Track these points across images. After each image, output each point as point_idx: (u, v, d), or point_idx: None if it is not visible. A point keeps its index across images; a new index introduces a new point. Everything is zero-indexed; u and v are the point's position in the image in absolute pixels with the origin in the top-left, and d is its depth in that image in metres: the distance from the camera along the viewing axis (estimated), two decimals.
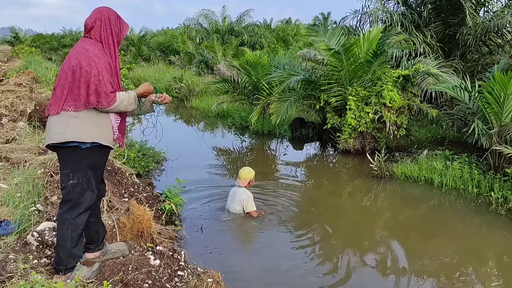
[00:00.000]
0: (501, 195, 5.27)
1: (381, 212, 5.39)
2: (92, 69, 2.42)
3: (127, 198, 4.24)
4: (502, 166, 5.85)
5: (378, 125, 7.45)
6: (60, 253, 2.57)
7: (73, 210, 2.53)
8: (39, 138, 5.68)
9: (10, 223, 3.18)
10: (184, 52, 23.61)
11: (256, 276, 3.63)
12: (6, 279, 2.53)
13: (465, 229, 4.85)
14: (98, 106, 2.46)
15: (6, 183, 3.92)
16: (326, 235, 4.49)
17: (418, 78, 7.66)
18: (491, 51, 9.88)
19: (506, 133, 5.79)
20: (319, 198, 5.75)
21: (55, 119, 2.48)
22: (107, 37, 2.57)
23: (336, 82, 7.61)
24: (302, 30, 24.82)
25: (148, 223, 3.55)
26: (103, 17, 2.57)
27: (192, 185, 5.43)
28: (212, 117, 11.77)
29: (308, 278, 3.59)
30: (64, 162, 2.55)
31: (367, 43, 7.63)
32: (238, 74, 11.22)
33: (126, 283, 2.63)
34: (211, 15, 25.87)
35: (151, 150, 6.61)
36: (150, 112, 2.95)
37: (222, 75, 14.77)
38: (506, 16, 8.69)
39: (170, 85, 15.68)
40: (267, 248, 4.19)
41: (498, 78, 5.55)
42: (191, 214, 4.74)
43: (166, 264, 2.95)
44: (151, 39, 30.10)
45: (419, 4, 10.13)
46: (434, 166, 6.18)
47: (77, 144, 2.47)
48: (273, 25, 29.94)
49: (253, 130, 9.66)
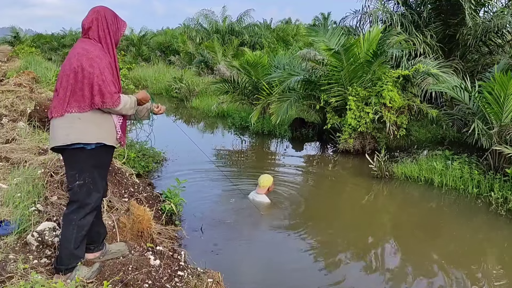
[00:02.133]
0: (501, 195, 5.27)
1: (381, 212, 5.39)
2: (94, 70, 2.42)
3: (127, 198, 4.24)
4: (502, 166, 5.85)
5: (378, 125, 7.45)
6: (62, 253, 2.58)
7: (80, 210, 2.55)
8: (39, 138, 5.68)
9: (10, 223, 3.18)
10: (184, 52, 23.61)
11: (256, 276, 3.63)
12: (6, 279, 2.53)
13: (465, 229, 4.84)
14: (103, 106, 2.47)
15: (6, 183, 3.92)
16: (326, 235, 4.50)
17: (418, 78, 7.66)
18: (491, 51, 9.88)
19: (506, 133, 5.79)
20: (319, 198, 5.74)
21: (59, 121, 2.48)
22: (105, 37, 2.57)
23: (336, 82, 7.61)
24: (302, 30, 24.81)
25: (148, 223, 3.55)
26: (100, 17, 2.57)
27: (192, 185, 5.43)
28: (212, 117, 11.77)
29: (308, 278, 3.59)
30: (70, 163, 2.56)
31: (367, 43, 7.63)
32: (238, 74, 11.22)
33: (126, 283, 2.63)
34: (211, 15, 25.87)
35: (151, 150, 6.61)
36: (146, 119, 2.97)
37: (222, 75, 14.76)
38: (506, 16, 8.70)
39: (170, 85, 15.69)
40: (267, 248, 4.19)
41: (498, 78, 5.55)
42: (191, 214, 4.74)
43: (166, 264, 2.95)
44: (151, 39, 30.10)
45: (419, 4, 10.13)
46: (434, 166, 6.18)
47: (82, 145, 2.48)
48: (273, 25, 29.94)
49: (253, 130, 9.66)
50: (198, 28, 25.99)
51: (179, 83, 14.93)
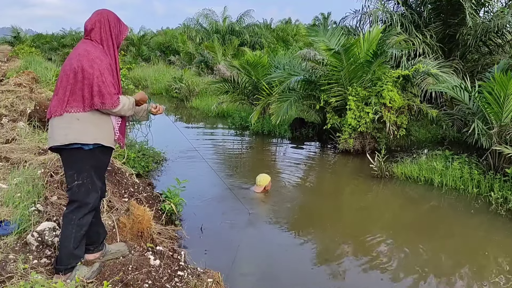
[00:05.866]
0: (501, 195, 5.27)
1: (381, 212, 5.39)
2: (94, 71, 2.44)
3: (127, 198, 4.25)
4: (502, 166, 5.85)
5: (378, 125, 7.45)
6: (61, 253, 2.59)
7: (80, 210, 2.56)
8: (39, 138, 5.68)
9: (10, 223, 3.18)
10: (184, 52, 23.63)
11: (256, 276, 3.63)
12: (6, 279, 2.53)
13: (465, 229, 4.84)
14: (102, 107, 2.48)
15: (6, 183, 3.92)
16: (326, 235, 4.50)
17: (418, 78, 7.66)
18: (491, 51, 9.87)
19: (506, 133, 5.79)
20: (319, 198, 5.74)
21: (58, 121, 2.50)
22: (107, 39, 2.59)
23: (336, 82, 7.61)
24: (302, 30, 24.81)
25: (148, 223, 3.56)
26: (103, 19, 2.59)
27: (192, 185, 5.43)
28: (212, 117, 11.77)
29: (308, 278, 3.60)
30: (68, 163, 2.57)
31: (367, 43, 7.63)
32: (238, 74, 11.22)
33: (126, 283, 2.64)
34: (211, 15, 25.90)
35: (151, 150, 6.61)
36: (144, 120, 2.98)
37: (222, 75, 14.76)
38: (506, 16, 8.69)
39: (170, 85, 15.69)
40: (267, 248, 4.19)
41: (498, 78, 5.55)
42: (191, 214, 4.75)
43: (166, 264, 2.95)
44: (151, 39, 30.13)
45: (419, 4, 10.13)
46: (434, 166, 6.18)
47: (80, 145, 2.49)
48: (273, 25, 29.99)
49: (253, 130, 9.66)
50: (198, 28, 26.02)
51: (179, 83, 14.93)
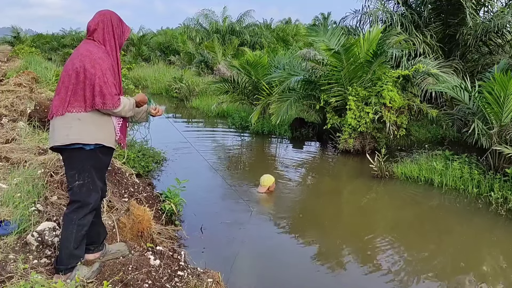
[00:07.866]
0: (501, 195, 5.27)
1: (381, 212, 5.39)
2: (96, 71, 2.44)
3: (127, 198, 4.25)
4: (502, 166, 5.85)
5: (378, 125, 7.45)
6: (61, 253, 2.59)
7: (80, 210, 2.56)
8: (39, 138, 5.68)
9: (10, 223, 3.18)
10: (184, 52, 23.61)
11: (256, 276, 3.63)
12: (6, 279, 2.53)
13: (465, 229, 4.85)
14: (103, 107, 2.49)
15: (6, 183, 3.92)
16: (326, 235, 4.50)
17: (418, 78, 7.66)
18: (491, 51, 9.88)
19: (506, 133, 5.79)
20: (319, 198, 5.74)
21: (59, 121, 2.50)
22: (109, 39, 2.60)
23: (336, 82, 7.61)
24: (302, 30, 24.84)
25: (148, 223, 3.56)
26: (106, 20, 2.60)
27: (192, 185, 5.43)
28: (212, 117, 11.77)
29: (308, 277, 3.60)
30: (69, 163, 2.58)
31: (367, 43, 7.62)
32: (238, 74, 11.22)
33: (126, 283, 2.64)
34: (211, 15, 25.90)
35: (151, 150, 6.61)
36: (144, 121, 2.99)
37: (222, 75, 14.77)
38: (506, 16, 8.69)
39: (170, 85, 15.69)
40: (267, 248, 4.20)
41: (498, 78, 5.55)
42: (191, 214, 4.75)
43: (166, 264, 2.95)
44: (151, 39, 30.11)
45: (419, 4, 10.13)
46: (434, 166, 6.18)
47: (81, 145, 2.49)
48: (273, 25, 30.00)
49: (253, 130, 9.66)
50: (198, 28, 26.02)
51: (179, 83, 14.92)
